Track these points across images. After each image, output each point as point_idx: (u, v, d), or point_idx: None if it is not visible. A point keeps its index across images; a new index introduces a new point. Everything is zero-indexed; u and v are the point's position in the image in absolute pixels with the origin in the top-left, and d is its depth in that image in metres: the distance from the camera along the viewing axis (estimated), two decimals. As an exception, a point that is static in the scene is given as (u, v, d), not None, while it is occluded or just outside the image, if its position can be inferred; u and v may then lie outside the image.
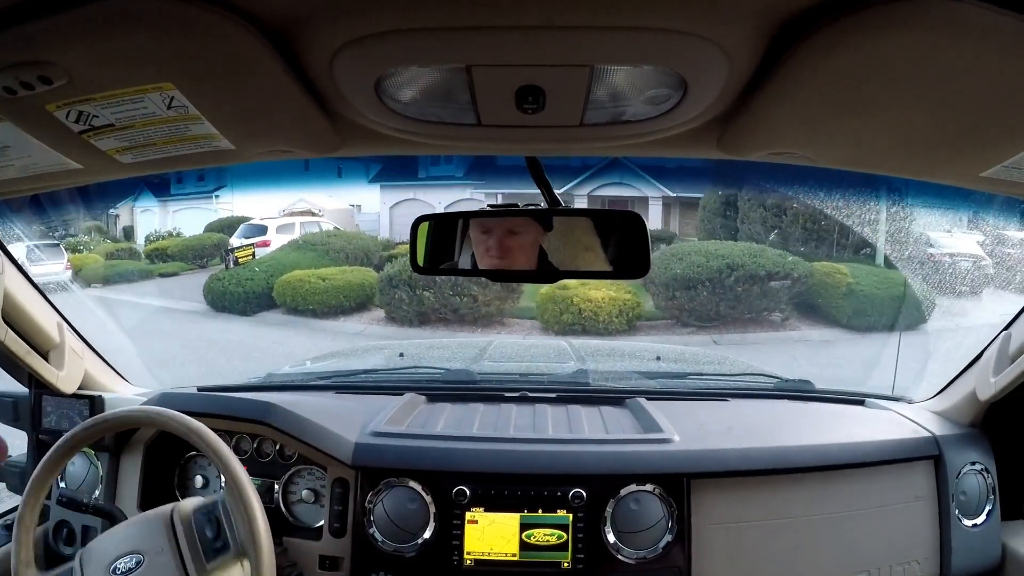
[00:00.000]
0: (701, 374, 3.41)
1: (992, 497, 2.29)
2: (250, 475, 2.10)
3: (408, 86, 1.19)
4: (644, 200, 21.45)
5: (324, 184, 23.38)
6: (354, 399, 2.68)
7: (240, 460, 2.22)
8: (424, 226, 1.84)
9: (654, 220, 21.24)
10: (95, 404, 2.47)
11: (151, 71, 1.05)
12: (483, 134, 1.37)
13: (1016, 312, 2.18)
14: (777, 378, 3.09)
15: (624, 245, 1.74)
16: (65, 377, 2.36)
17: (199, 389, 2.74)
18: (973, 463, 2.28)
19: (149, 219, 28.26)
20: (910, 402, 2.68)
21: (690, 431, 2.29)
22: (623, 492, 2.14)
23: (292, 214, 22.02)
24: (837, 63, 0.99)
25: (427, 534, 2.14)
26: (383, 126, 1.33)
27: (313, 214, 22.89)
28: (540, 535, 2.10)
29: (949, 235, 12.98)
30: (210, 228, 23.65)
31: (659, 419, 2.38)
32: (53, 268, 19.06)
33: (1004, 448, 2.35)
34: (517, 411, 2.58)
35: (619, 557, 2.11)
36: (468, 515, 2.13)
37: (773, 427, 2.42)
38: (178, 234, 25.70)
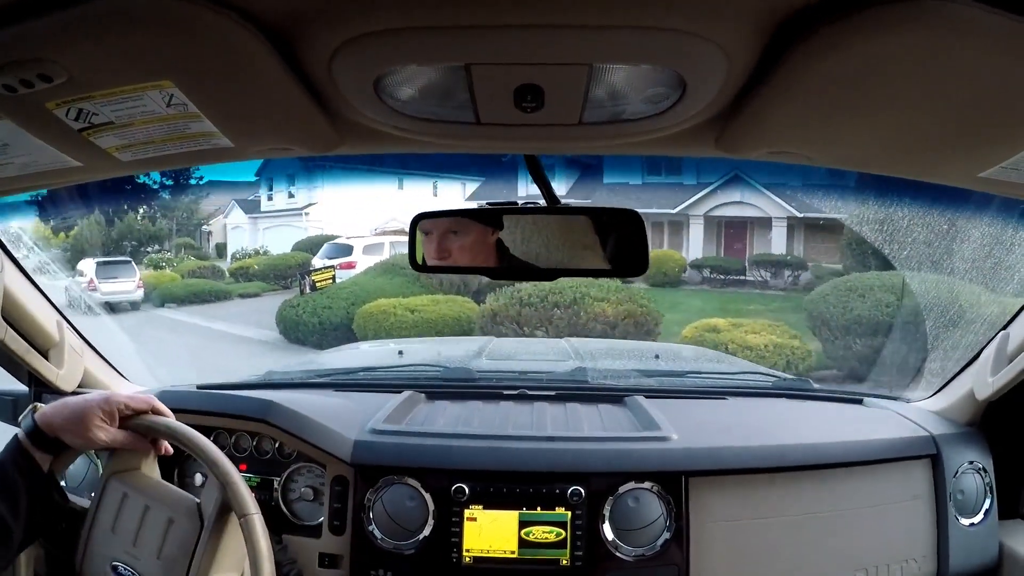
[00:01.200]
0: (700, 372, 3.42)
1: (989, 496, 2.30)
2: (249, 472, 2.10)
3: (407, 84, 1.19)
4: (767, 220, 20.34)
5: (418, 202, 21.18)
6: (353, 397, 2.68)
7: (239, 458, 2.22)
8: (423, 224, 1.84)
9: (778, 243, 20.08)
10: None
11: (150, 69, 1.05)
12: (482, 132, 1.37)
13: (1015, 311, 2.18)
14: (775, 376, 3.10)
15: (623, 243, 1.74)
16: (65, 375, 2.36)
17: (198, 387, 2.74)
18: (971, 462, 2.29)
19: (239, 236, 27.75)
20: (908, 401, 2.68)
21: (689, 429, 2.30)
22: (622, 490, 2.15)
23: (384, 233, 20.97)
24: (836, 63, 0.99)
25: (426, 531, 2.15)
26: (382, 124, 1.33)
27: (405, 232, 20.95)
28: (539, 533, 2.11)
29: None
30: (298, 247, 23.12)
31: (658, 417, 2.38)
32: (123, 286, 19.90)
33: (1002, 447, 2.35)
34: (516, 409, 2.58)
35: (617, 555, 2.12)
36: (467, 512, 2.14)
37: (771, 425, 2.43)
38: (265, 252, 25.18)
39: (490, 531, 2.12)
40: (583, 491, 2.12)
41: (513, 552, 2.11)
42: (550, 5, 0.91)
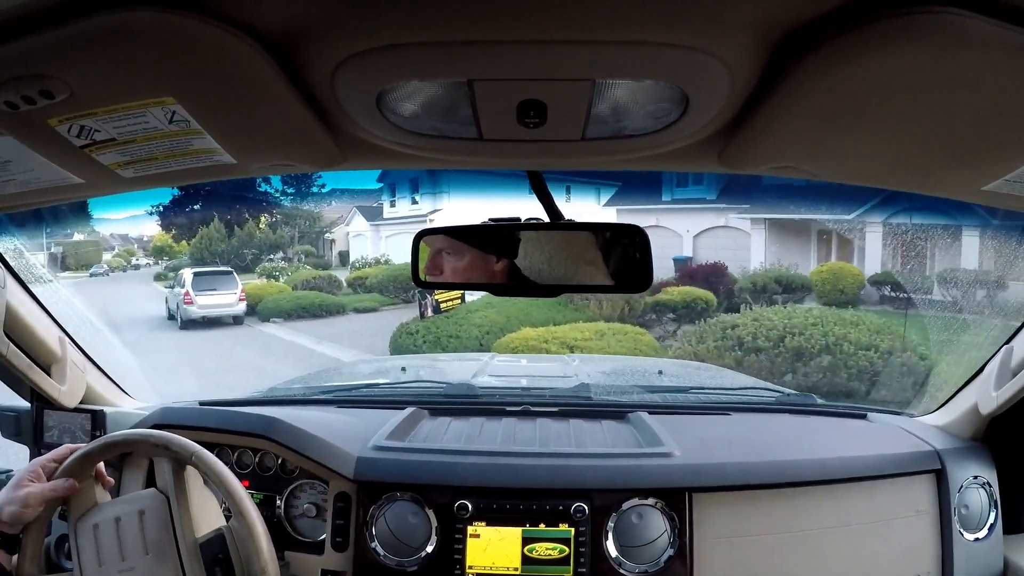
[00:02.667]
0: (703, 388, 3.40)
1: (994, 511, 2.28)
2: (252, 489, 2.10)
3: (410, 100, 1.19)
4: (954, 229, 16.44)
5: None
6: (356, 413, 2.68)
7: (242, 474, 2.22)
8: (424, 241, 1.85)
9: (968, 256, 16.26)
10: (97, 418, 2.47)
11: (153, 86, 1.05)
12: (485, 148, 1.37)
13: (1018, 326, 2.18)
14: (779, 392, 3.09)
15: (627, 259, 1.74)
16: (67, 391, 2.36)
17: (200, 403, 2.74)
18: (975, 477, 2.28)
19: (361, 244, 26.86)
20: (912, 416, 2.67)
21: (692, 445, 2.29)
22: (625, 506, 2.14)
23: None
24: (839, 77, 0.99)
25: (429, 548, 2.14)
26: (385, 140, 1.33)
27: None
28: (542, 549, 2.10)
29: None
30: None
31: (661, 433, 2.37)
32: (222, 299, 19.64)
33: (1006, 462, 2.34)
34: (519, 425, 2.57)
35: (621, 571, 2.11)
36: (470, 529, 2.13)
37: (775, 441, 2.42)
38: (386, 261, 24.42)
39: (493, 548, 2.12)
40: (587, 508, 2.11)
41: (516, 569, 2.10)
42: (553, 21, 0.91)
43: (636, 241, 1.71)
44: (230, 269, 21.62)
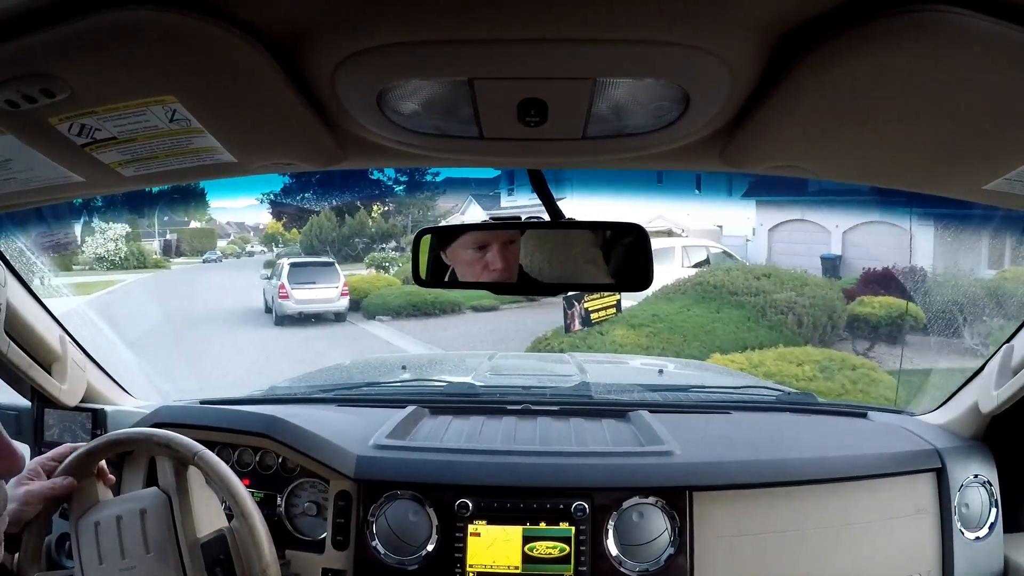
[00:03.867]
0: (703, 387, 3.40)
1: (995, 510, 2.29)
2: (252, 488, 2.10)
3: (410, 99, 1.19)
4: None
5: (680, 198, 18.83)
6: (356, 412, 2.68)
7: (243, 473, 2.22)
8: (426, 239, 1.84)
9: None
10: (97, 417, 2.47)
11: (153, 84, 1.05)
12: (485, 147, 1.37)
13: (1019, 324, 2.18)
14: (779, 391, 3.09)
15: (626, 258, 1.74)
16: (68, 390, 2.36)
17: (201, 402, 2.74)
18: (975, 476, 2.28)
19: None
20: (912, 415, 2.67)
21: (692, 444, 2.29)
22: (626, 505, 2.15)
23: (657, 233, 16.31)
24: (839, 76, 0.99)
25: (429, 547, 2.14)
26: (385, 139, 1.33)
27: (674, 234, 17.92)
28: (543, 548, 2.10)
29: None
30: None
31: (662, 432, 2.37)
32: (322, 294, 18.04)
33: (1006, 460, 2.34)
34: (520, 424, 2.58)
35: (622, 570, 2.11)
36: (471, 528, 2.13)
37: (775, 440, 2.42)
38: None
39: (494, 546, 2.12)
40: (587, 506, 2.11)
41: (517, 568, 2.10)
42: (553, 20, 0.91)
43: (636, 240, 1.71)
44: (331, 260, 19.97)
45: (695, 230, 19.05)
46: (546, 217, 1.74)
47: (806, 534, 2.17)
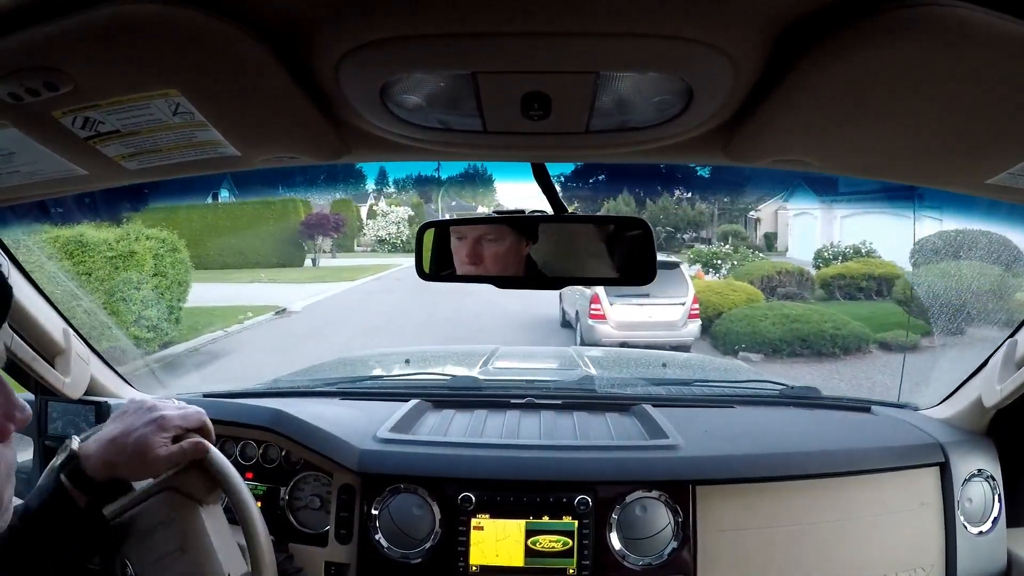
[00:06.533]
0: (707, 381, 3.40)
1: (998, 504, 2.29)
2: (255, 481, 2.10)
3: (413, 92, 1.19)
4: None
5: None
6: (360, 405, 2.68)
7: (246, 466, 2.22)
8: (429, 233, 1.85)
9: None
10: (101, 410, 2.47)
11: (157, 78, 1.05)
12: (489, 141, 1.37)
13: (1022, 319, 2.17)
14: (783, 385, 3.09)
15: (630, 252, 1.74)
16: (71, 383, 2.36)
17: (204, 395, 2.74)
18: (979, 470, 2.28)
19: (807, 225, 19.52)
20: (916, 409, 2.67)
21: (696, 438, 2.30)
22: (629, 499, 2.15)
23: None
24: (843, 70, 0.99)
25: (433, 541, 2.15)
26: (388, 132, 1.33)
27: None
28: (546, 542, 2.10)
29: None
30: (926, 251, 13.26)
31: (665, 426, 2.38)
32: (659, 314, 12.51)
33: (1010, 455, 2.35)
34: (523, 418, 2.58)
35: (625, 564, 2.11)
36: (474, 521, 2.13)
37: (779, 434, 2.43)
38: (867, 253, 16.94)
39: (497, 540, 2.12)
40: (590, 500, 2.12)
41: (520, 561, 2.10)
42: (557, 13, 0.91)
43: (640, 234, 1.72)
44: (676, 261, 13.90)
45: None
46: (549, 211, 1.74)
47: (809, 528, 2.17)
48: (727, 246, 19.90)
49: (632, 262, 1.74)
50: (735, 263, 17.51)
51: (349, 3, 0.92)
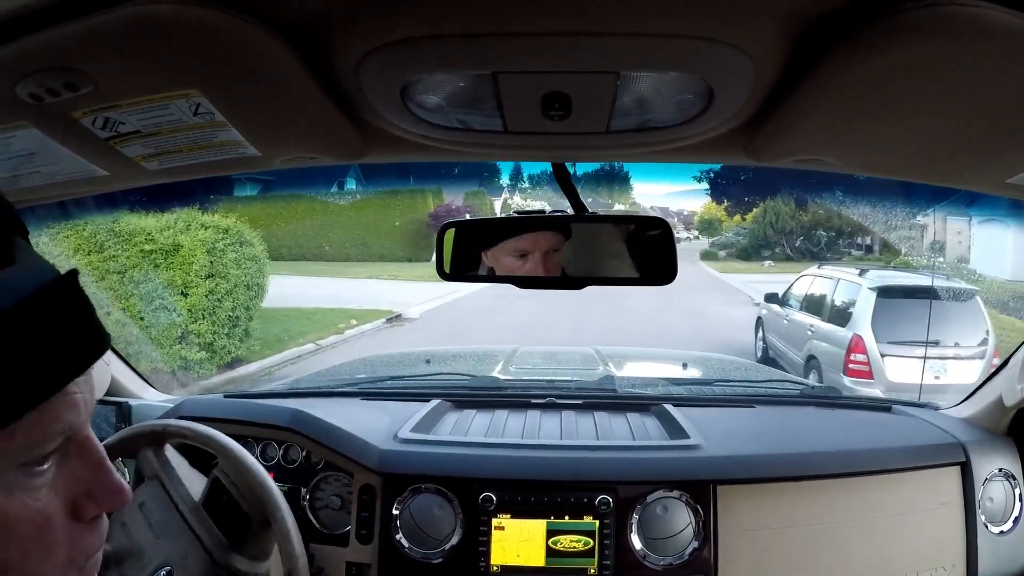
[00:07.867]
0: (727, 381, 3.40)
1: (1019, 504, 2.27)
2: (276, 481, 2.12)
3: (434, 93, 1.19)
4: None
5: None
6: (380, 406, 2.69)
7: (267, 466, 2.24)
8: (450, 233, 1.85)
9: None
10: (122, 410, 2.49)
11: (177, 78, 1.06)
12: (509, 141, 1.37)
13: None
14: (803, 384, 3.08)
15: (651, 252, 1.74)
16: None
17: (225, 395, 2.75)
18: (1000, 469, 2.27)
19: (995, 234, 15.90)
20: (936, 408, 2.66)
21: (717, 437, 2.30)
22: (650, 498, 2.15)
23: None
24: (864, 69, 0.99)
25: (453, 541, 2.15)
26: (409, 132, 1.34)
27: None
28: (567, 542, 2.10)
29: None
30: None
31: (686, 425, 2.38)
32: (954, 372, 8.08)
33: (1032, 455, 2.33)
34: (544, 418, 2.58)
35: (646, 563, 2.11)
36: (495, 521, 2.14)
37: (799, 433, 2.43)
38: None
39: (518, 540, 2.12)
40: (611, 500, 2.12)
41: (541, 561, 2.10)
42: (577, 13, 0.91)
43: (660, 234, 1.72)
44: (971, 288, 8.72)
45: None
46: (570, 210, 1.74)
47: (830, 528, 2.17)
48: (900, 256, 17.15)
49: (653, 262, 1.74)
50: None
51: (370, 3, 0.92)
